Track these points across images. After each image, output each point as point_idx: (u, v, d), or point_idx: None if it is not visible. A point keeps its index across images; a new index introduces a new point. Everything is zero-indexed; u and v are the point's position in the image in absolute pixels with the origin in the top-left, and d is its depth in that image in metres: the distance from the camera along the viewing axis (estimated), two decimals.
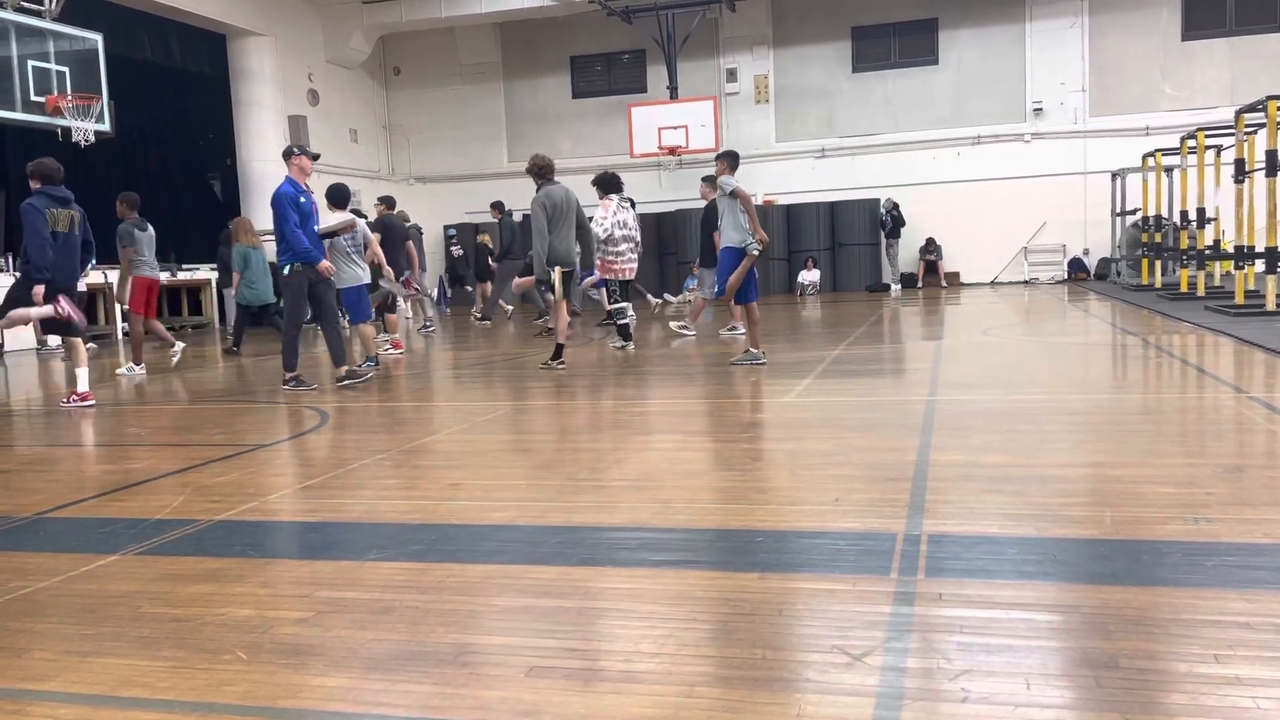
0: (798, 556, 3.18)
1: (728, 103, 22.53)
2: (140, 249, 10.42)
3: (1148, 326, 10.61)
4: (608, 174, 11.00)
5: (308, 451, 5.57)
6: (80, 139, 14.10)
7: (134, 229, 10.41)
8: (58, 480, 5.05)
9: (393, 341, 11.34)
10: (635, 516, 3.70)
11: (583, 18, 21.98)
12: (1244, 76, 19.75)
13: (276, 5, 19.98)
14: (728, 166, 8.77)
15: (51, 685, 2.40)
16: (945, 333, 11.05)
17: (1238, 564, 2.90)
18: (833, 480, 4.16)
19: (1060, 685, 2.16)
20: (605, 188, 10.82)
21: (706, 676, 2.28)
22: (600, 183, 10.90)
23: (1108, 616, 2.52)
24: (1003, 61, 21.20)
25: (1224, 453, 4.49)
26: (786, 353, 9.52)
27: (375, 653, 2.50)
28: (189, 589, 3.08)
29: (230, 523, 3.91)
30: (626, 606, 2.77)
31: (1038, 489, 3.83)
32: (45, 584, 3.20)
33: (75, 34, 14.47)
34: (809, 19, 22.10)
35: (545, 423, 6.26)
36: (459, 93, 24.15)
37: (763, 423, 5.76)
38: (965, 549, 3.13)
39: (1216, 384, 6.64)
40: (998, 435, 4.98)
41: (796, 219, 21.78)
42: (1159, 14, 20.36)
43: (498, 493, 4.26)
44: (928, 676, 2.22)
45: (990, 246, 21.47)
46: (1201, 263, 13.76)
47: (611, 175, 10.97)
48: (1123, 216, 18.78)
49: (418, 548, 3.43)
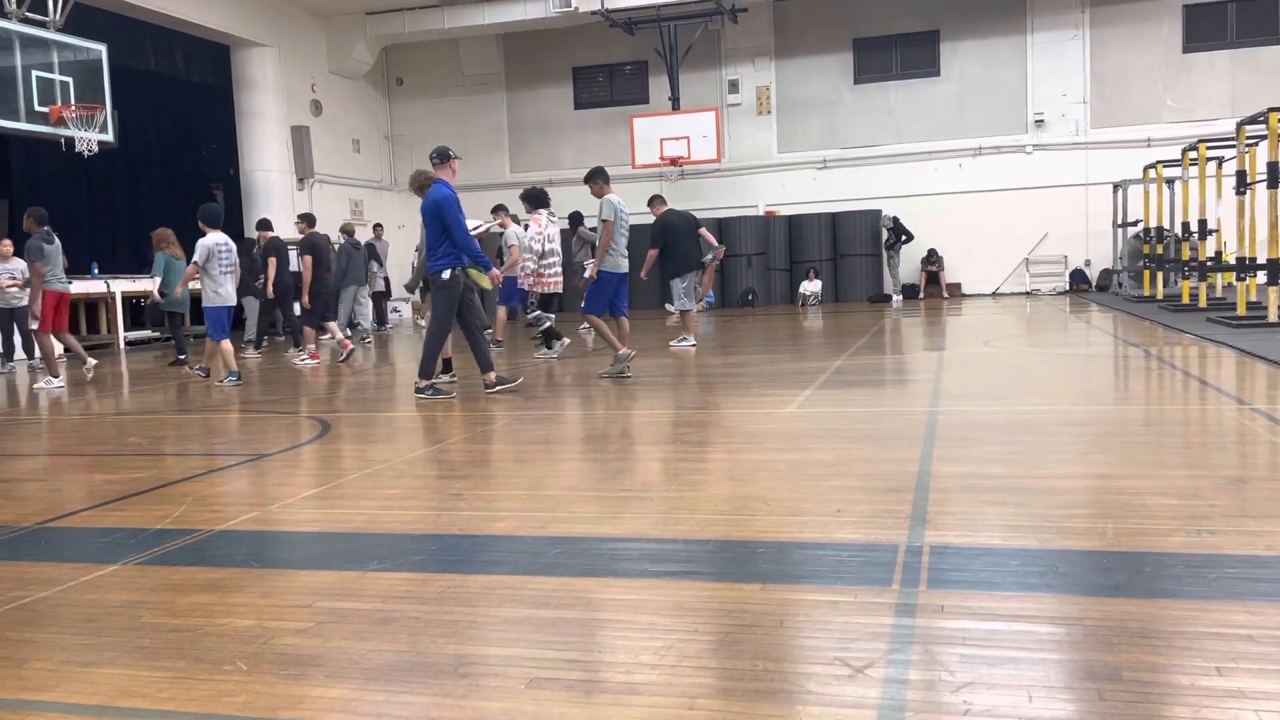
0: (799, 568, 3.17)
1: (729, 114, 22.58)
2: (49, 263, 10.55)
3: (1149, 338, 10.61)
4: (536, 189, 11.31)
5: (309, 461, 5.57)
6: (84, 149, 14.14)
7: (42, 243, 10.54)
8: (58, 489, 5.05)
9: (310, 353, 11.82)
10: (636, 527, 3.70)
11: (585, 29, 22.05)
12: (1245, 88, 19.78)
13: (280, 16, 20.06)
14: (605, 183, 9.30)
15: (51, 695, 2.39)
16: (947, 344, 11.05)
17: (1240, 576, 2.89)
18: (834, 491, 4.15)
19: (1063, 698, 2.15)
20: (535, 202, 11.06)
21: (708, 688, 2.27)
22: (530, 198, 11.13)
23: (1110, 629, 2.51)
24: (1004, 73, 21.25)
25: (1226, 464, 4.48)
26: (788, 363, 9.52)
27: (376, 663, 2.49)
28: (189, 599, 3.08)
29: (231, 533, 3.91)
30: (627, 618, 2.76)
31: (1040, 500, 3.82)
32: (45, 594, 3.20)
33: (79, 44, 14.52)
34: (811, 30, 22.16)
35: (545, 433, 6.26)
36: (461, 103, 24.22)
37: (764, 433, 5.75)
38: (967, 560, 3.12)
39: (1219, 395, 6.63)
40: (1000, 446, 4.98)
41: (798, 230, 21.81)
42: (1160, 26, 20.41)
43: (499, 503, 4.25)
44: (930, 689, 2.21)
45: (992, 257, 21.48)
46: (1203, 274, 13.76)
47: (540, 190, 11.27)
48: (1124, 228, 18.79)
49: (419, 558, 3.43)
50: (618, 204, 9.12)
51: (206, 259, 9.83)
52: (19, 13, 13.55)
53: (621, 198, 9.36)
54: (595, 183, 9.33)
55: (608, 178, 9.41)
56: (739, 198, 22.66)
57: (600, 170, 9.43)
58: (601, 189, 9.27)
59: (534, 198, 11.03)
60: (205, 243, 9.88)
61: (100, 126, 14.37)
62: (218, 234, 9.97)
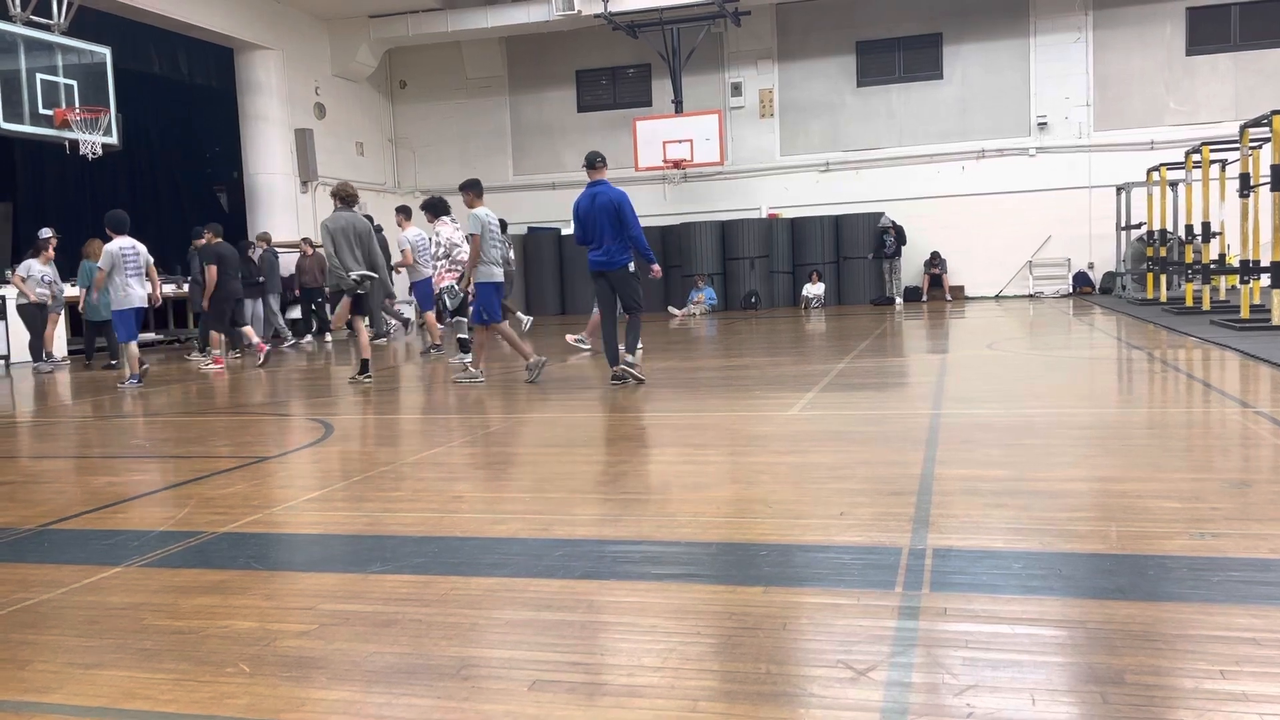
0: (802, 570, 3.17)
1: (732, 116, 22.58)
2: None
3: (1153, 341, 10.59)
4: (436, 197, 11.64)
5: (312, 464, 5.57)
6: (88, 151, 14.15)
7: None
8: (62, 492, 5.06)
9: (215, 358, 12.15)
10: (639, 530, 3.70)
11: (588, 32, 22.06)
12: (1248, 91, 19.76)
13: (283, 19, 20.09)
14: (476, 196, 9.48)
15: (54, 698, 2.39)
16: (950, 346, 11.04)
17: (1244, 579, 2.88)
18: (837, 494, 4.15)
19: (1066, 701, 2.15)
20: (436, 210, 11.49)
21: (710, 691, 2.27)
22: (430, 206, 11.53)
23: (1113, 632, 2.50)
24: (1007, 76, 21.24)
25: (1230, 467, 4.47)
26: (791, 366, 9.51)
27: (378, 666, 2.49)
28: (192, 601, 3.08)
29: (234, 535, 3.91)
30: (630, 620, 2.76)
31: (1043, 503, 3.82)
32: (48, 596, 3.20)
33: (84, 47, 14.53)
34: (814, 33, 22.16)
35: (547, 435, 6.26)
36: (465, 106, 24.23)
37: (767, 436, 5.75)
38: (970, 563, 3.12)
39: (1222, 398, 6.62)
40: (1003, 449, 4.97)
41: (801, 232, 21.80)
42: (1163, 29, 20.40)
43: (501, 505, 4.25)
44: (932, 692, 2.21)
45: (995, 260, 21.46)
46: (1206, 277, 13.74)
47: (440, 199, 11.57)
48: (1127, 230, 18.78)
49: (421, 560, 3.43)
50: (484, 218, 9.18)
51: (112, 265, 10.35)
52: (23, 16, 13.57)
53: (490, 210, 9.41)
54: (465, 194, 9.51)
55: (480, 190, 9.56)
56: (742, 200, 22.66)
57: (473, 182, 9.61)
58: (472, 201, 9.43)
59: (434, 206, 11.47)
60: (110, 248, 10.38)
61: (104, 129, 14.37)
62: (124, 239, 10.48)
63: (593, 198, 8.53)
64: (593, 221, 8.48)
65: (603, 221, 8.43)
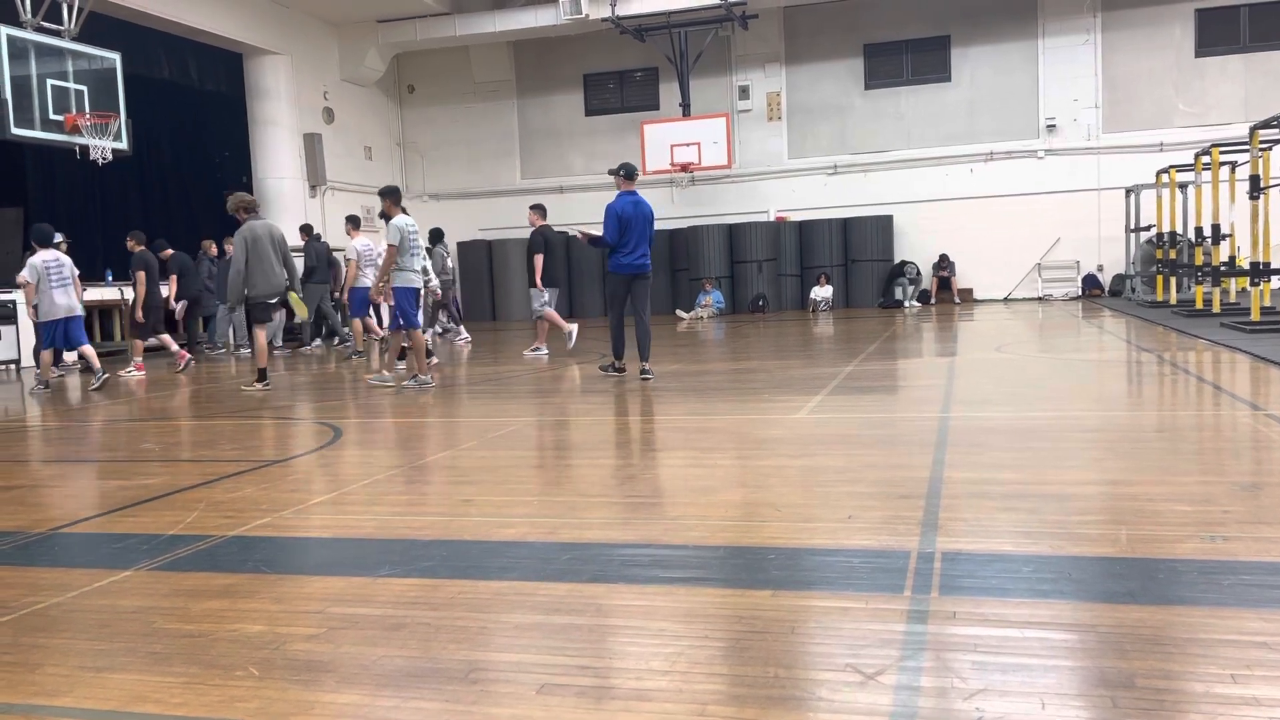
0: (810, 574, 3.16)
1: (740, 120, 22.59)
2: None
3: (1163, 343, 10.55)
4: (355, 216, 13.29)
5: (320, 467, 5.58)
6: (98, 157, 14.22)
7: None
8: (72, 495, 5.08)
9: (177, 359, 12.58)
10: (647, 533, 3.69)
11: (596, 36, 22.09)
12: (1258, 93, 19.70)
13: (292, 25, 20.17)
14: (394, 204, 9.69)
15: (64, 701, 2.40)
16: (958, 349, 11.01)
17: (1255, 583, 2.87)
18: (846, 497, 4.14)
19: (1076, 705, 2.14)
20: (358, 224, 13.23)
21: (718, 695, 2.27)
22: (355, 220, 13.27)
23: (1123, 636, 2.49)
24: (1016, 78, 21.20)
25: (1241, 470, 4.45)
26: (800, 369, 9.50)
27: (387, 669, 2.49)
28: (202, 605, 3.09)
29: (243, 538, 3.92)
30: (638, 624, 2.76)
31: (1052, 506, 3.80)
32: (59, 599, 3.22)
33: (94, 53, 14.61)
34: (821, 36, 22.16)
35: (556, 439, 6.26)
36: (473, 110, 24.29)
37: (775, 439, 5.74)
38: (979, 567, 3.11)
39: (1233, 401, 6.59)
40: (1012, 452, 4.96)
41: (809, 235, 21.79)
42: (1172, 30, 20.35)
43: (509, 509, 4.26)
44: (942, 696, 2.20)
45: (1004, 263, 21.41)
46: (1217, 279, 13.69)
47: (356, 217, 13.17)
48: (1137, 233, 18.71)
49: (429, 564, 3.43)
50: (402, 226, 9.26)
51: (38, 277, 10.71)
52: (34, 22, 13.65)
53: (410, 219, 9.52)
54: (384, 201, 9.63)
55: (398, 198, 9.66)
56: (750, 203, 22.65)
57: (391, 189, 9.74)
58: (390, 209, 9.52)
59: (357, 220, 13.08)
60: (34, 261, 10.78)
61: (114, 134, 14.45)
62: (47, 251, 10.88)
63: (635, 205, 9.12)
64: (633, 227, 9.05)
65: (643, 228, 9.11)
